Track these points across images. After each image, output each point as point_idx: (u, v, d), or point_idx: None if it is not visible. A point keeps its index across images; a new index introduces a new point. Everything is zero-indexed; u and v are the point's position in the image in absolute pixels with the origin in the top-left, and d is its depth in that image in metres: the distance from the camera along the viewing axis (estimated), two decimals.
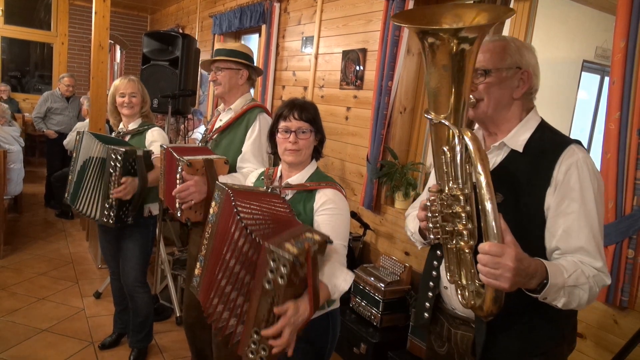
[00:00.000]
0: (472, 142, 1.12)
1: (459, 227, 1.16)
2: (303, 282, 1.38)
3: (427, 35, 1.12)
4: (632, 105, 1.90)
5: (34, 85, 8.95)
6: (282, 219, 1.53)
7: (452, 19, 1.15)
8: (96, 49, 4.26)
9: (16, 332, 3.05)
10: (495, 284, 1.09)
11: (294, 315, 1.34)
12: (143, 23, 9.38)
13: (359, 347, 2.76)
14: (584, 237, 1.22)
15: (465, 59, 1.12)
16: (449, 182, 1.19)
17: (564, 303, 1.18)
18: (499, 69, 1.30)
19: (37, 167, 7.82)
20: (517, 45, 1.33)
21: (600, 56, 4.56)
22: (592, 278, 1.20)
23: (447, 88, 1.15)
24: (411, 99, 3.32)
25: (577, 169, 1.23)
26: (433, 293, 1.47)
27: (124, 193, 2.43)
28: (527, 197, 1.27)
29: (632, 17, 1.89)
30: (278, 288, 1.33)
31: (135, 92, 2.68)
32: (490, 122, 1.37)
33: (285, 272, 1.31)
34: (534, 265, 1.12)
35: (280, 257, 1.31)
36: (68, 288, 3.78)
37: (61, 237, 4.93)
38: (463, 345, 1.41)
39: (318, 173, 1.74)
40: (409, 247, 3.14)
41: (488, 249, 1.07)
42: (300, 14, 4.36)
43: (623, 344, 1.77)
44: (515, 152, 1.32)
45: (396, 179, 3.19)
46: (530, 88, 1.34)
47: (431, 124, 1.21)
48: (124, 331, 3.05)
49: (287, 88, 4.55)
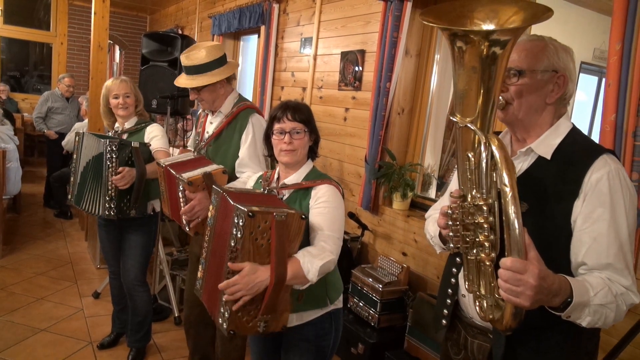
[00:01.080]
0: (499, 150, 1.06)
1: (480, 238, 1.10)
2: (268, 252, 1.44)
3: (456, 37, 1.05)
4: (627, 108, 1.92)
5: (33, 85, 8.96)
6: (267, 199, 1.60)
7: (485, 16, 1.05)
8: (95, 50, 4.27)
9: (15, 332, 3.06)
10: (515, 301, 1.03)
11: (248, 274, 1.43)
12: (142, 23, 9.39)
13: (357, 347, 2.78)
14: (612, 253, 1.15)
15: (497, 61, 1.04)
16: (472, 189, 1.12)
17: (588, 322, 1.12)
18: (534, 71, 1.22)
19: (36, 167, 7.83)
20: (556, 46, 1.24)
21: (598, 58, 4.57)
22: (620, 297, 1.13)
23: (476, 90, 1.08)
24: (409, 100, 3.34)
25: (609, 181, 1.16)
26: (451, 300, 1.42)
27: (123, 182, 2.43)
28: (554, 207, 1.20)
29: (628, 20, 1.91)
30: (237, 243, 1.41)
31: (129, 93, 2.68)
32: (519, 126, 1.29)
33: (241, 224, 1.38)
34: (557, 283, 1.06)
35: (240, 211, 1.39)
36: (67, 288, 3.78)
37: (60, 237, 4.94)
38: (480, 355, 1.37)
39: (314, 172, 1.76)
40: (407, 247, 3.15)
41: (510, 265, 1.02)
42: (299, 15, 4.37)
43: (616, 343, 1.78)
44: (543, 159, 1.25)
45: (394, 179, 3.20)
46: (565, 93, 1.26)
47: (456, 127, 1.14)
48: (122, 331, 3.06)
49: (286, 89, 4.57)
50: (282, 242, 1.44)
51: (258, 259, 1.46)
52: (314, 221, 1.61)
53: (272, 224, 1.42)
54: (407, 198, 3.24)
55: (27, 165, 7.24)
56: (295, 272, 1.48)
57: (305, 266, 1.49)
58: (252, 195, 1.66)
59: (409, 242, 3.14)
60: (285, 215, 1.43)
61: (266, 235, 1.43)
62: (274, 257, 1.44)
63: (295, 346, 1.73)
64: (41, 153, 8.20)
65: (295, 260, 1.49)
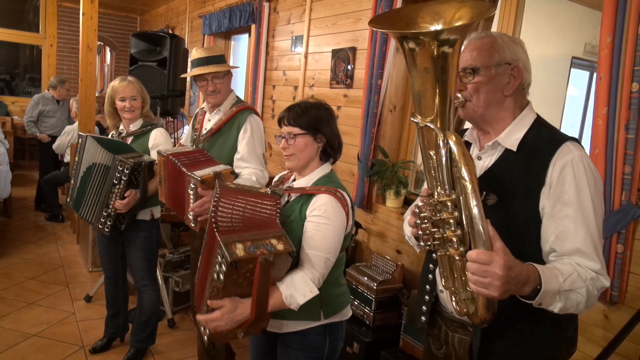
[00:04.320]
0: (457, 146, 1.09)
1: (448, 234, 1.13)
2: (251, 285, 1.42)
3: (406, 40, 1.08)
4: (619, 101, 1.91)
5: (23, 88, 8.87)
6: (260, 220, 1.52)
7: (431, 18, 1.10)
8: (84, 51, 4.22)
9: (5, 338, 3.01)
10: (484, 292, 1.05)
11: (229, 312, 1.43)
12: (132, 24, 9.33)
13: (352, 347, 2.76)
14: (580, 238, 1.17)
15: (447, 60, 1.07)
16: (437, 187, 1.16)
17: (560, 308, 1.14)
18: (488, 67, 1.25)
19: (27, 170, 7.76)
20: (505, 40, 1.28)
21: (589, 52, 4.58)
22: (590, 281, 1.15)
23: (432, 90, 1.11)
24: (401, 97, 3.32)
25: (573, 168, 1.18)
26: (430, 296, 1.44)
27: (127, 208, 2.46)
28: (523, 198, 1.23)
29: (618, 12, 1.90)
30: (219, 282, 1.40)
31: (136, 95, 2.62)
32: (482, 121, 1.33)
33: (222, 271, 1.36)
34: (525, 272, 1.08)
35: (223, 255, 1.35)
36: (58, 292, 3.74)
37: (51, 241, 4.89)
38: (461, 348, 1.38)
39: (328, 178, 1.70)
40: (401, 245, 3.14)
41: (475, 257, 1.04)
42: (289, 14, 4.34)
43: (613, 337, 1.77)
44: (510, 151, 1.27)
45: (387, 177, 3.18)
46: (522, 83, 1.29)
47: (418, 127, 1.17)
48: (115, 335, 3.03)
49: (277, 88, 4.54)
50: (265, 281, 1.42)
51: (239, 292, 1.45)
52: (307, 235, 1.57)
53: (257, 265, 1.39)
54: (401, 195, 3.22)
55: (17, 168, 7.17)
56: (277, 305, 1.49)
57: (287, 300, 1.49)
58: (247, 193, 1.60)
59: (403, 240, 3.12)
60: (272, 256, 1.39)
61: (249, 275, 1.41)
62: (255, 296, 1.42)
63: (287, 354, 1.71)
64: (32, 156, 8.12)
65: (277, 292, 1.48)
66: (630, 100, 1.88)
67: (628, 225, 1.91)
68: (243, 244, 1.37)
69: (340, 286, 1.74)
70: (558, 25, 4.36)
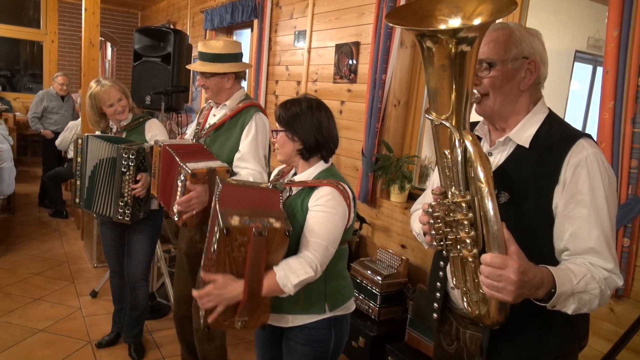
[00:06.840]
0: (473, 147, 1.07)
1: (461, 235, 1.11)
2: (245, 262, 1.43)
3: (423, 37, 1.04)
4: (625, 95, 1.91)
5: (24, 84, 8.87)
6: (262, 202, 1.55)
7: (450, 11, 1.06)
8: (87, 47, 4.22)
9: (12, 333, 3.03)
10: (497, 296, 1.04)
11: (219, 288, 1.44)
12: (134, 20, 9.30)
13: (357, 341, 2.77)
14: (594, 237, 1.15)
15: (465, 58, 1.04)
16: (452, 186, 1.13)
17: (573, 309, 1.12)
18: (504, 61, 1.21)
19: (30, 166, 7.77)
20: (522, 33, 1.24)
21: (592, 46, 4.57)
22: (603, 281, 1.13)
23: (448, 88, 1.08)
24: (405, 92, 3.32)
25: (587, 166, 1.15)
26: (440, 293, 1.42)
27: (144, 188, 2.47)
28: (535, 196, 1.20)
29: (625, 6, 1.89)
30: (214, 252, 1.41)
31: (120, 95, 2.61)
32: (497, 117, 1.29)
33: (216, 239, 1.38)
34: (539, 276, 1.06)
35: (219, 223, 1.37)
36: (64, 288, 3.76)
37: (56, 237, 4.90)
38: (472, 345, 1.37)
39: (329, 172, 1.69)
40: (406, 240, 3.14)
41: (490, 261, 1.02)
42: (292, 8, 4.33)
43: (619, 332, 1.78)
44: (522, 148, 1.24)
45: (391, 172, 3.19)
46: (538, 77, 1.26)
47: (432, 125, 1.14)
48: (123, 330, 3.03)
49: (280, 83, 4.54)
50: (258, 258, 1.41)
51: (235, 270, 1.45)
52: (308, 224, 1.57)
53: (250, 239, 1.39)
54: (405, 190, 3.23)
55: (20, 165, 7.17)
56: (271, 287, 1.48)
57: (282, 281, 1.48)
58: (250, 193, 1.63)
59: (407, 235, 3.13)
60: (267, 231, 1.38)
61: (243, 249, 1.41)
62: (247, 274, 1.43)
63: (293, 349, 1.71)
64: (35, 153, 8.13)
65: (272, 274, 1.48)
66: (637, 94, 1.88)
67: (634, 219, 1.92)
68: (240, 216, 1.40)
69: (344, 279, 1.76)
70: (561, 19, 4.35)
